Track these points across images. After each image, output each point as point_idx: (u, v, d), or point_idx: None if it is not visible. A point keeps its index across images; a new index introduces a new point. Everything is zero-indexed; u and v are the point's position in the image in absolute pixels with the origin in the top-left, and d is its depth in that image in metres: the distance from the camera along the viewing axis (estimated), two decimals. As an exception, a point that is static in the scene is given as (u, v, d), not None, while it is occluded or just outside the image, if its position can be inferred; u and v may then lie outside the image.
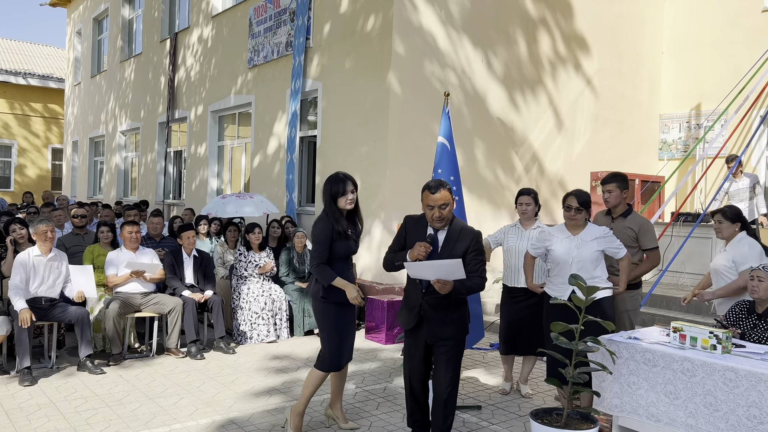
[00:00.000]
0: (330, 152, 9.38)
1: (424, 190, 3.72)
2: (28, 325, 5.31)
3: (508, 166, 9.65)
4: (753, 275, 4.24)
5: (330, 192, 4.07)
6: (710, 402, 3.44)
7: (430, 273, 3.55)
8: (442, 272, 3.50)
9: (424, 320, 3.76)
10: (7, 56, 24.71)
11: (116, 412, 4.70)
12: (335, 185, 4.06)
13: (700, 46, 11.18)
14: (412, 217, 3.88)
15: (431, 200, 3.67)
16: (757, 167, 10.38)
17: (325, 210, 4.13)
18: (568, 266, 4.49)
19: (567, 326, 3.71)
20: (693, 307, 7.07)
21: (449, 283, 3.53)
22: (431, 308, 3.73)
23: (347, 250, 4.13)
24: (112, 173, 16.99)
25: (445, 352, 3.73)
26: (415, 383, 3.91)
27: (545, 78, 10.05)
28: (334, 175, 4.12)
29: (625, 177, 4.93)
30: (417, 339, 3.83)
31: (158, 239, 7.48)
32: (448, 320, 3.74)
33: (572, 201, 4.52)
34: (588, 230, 4.54)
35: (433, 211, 3.67)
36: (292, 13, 10.13)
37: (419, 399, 3.95)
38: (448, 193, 3.67)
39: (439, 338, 3.75)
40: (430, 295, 3.71)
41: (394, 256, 3.84)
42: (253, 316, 7.05)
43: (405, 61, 8.45)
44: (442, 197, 3.64)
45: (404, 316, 3.89)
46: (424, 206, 3.72)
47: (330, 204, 4.09)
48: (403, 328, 3.94)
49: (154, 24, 14.92)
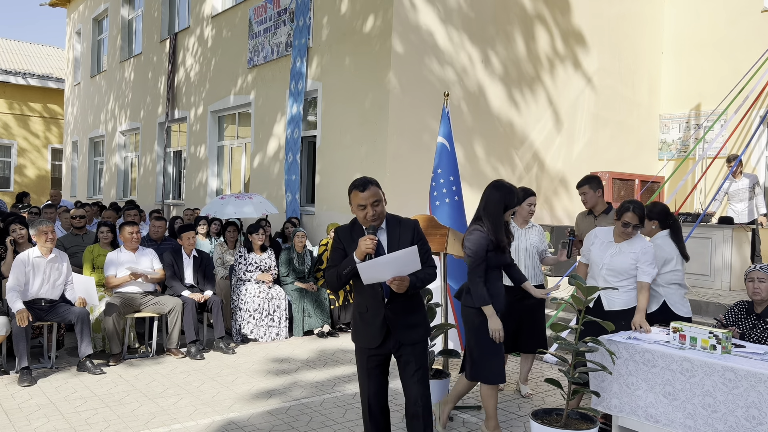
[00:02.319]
0: (330, 152, 9.38)
1: (351, 191, 3.36)
2: (25, 325, 5.31)
3: (509, 165, 9.65)
4: (752, 277, 4.21)
5: (504, 201, 3.99)
6: (709, 403, 3.44)
7: (386, 270, 3.19)
8: (399, 266, 3.18)
9: (390, 331, 3.37)
10: (6, 56, 24.70)
11: (116, 413, 4.70)
12: (509, 196, 3.99)
13: (700, 46, 11.18)
14: (343, 227, 3.49)
15: (361, 199, 3.30)
16: (756, 167, 10.38)
17: (482, 219, 4.05)
18: (598, 270, 4.46)
19: (567, 326, 3.72)
20: (693, 307, 7.06)
21: (406, 279, 3.22)
22: (396, 315, 3.36)
23: (501, 261, 4.10)
24: (112, 173, 16.99)
25: (415, 359, 3.38)
26: (375, 405, 3.47)
27: (545, 77, 10.05)
28: (504, 185, 4.06)
29: (598, 178, 5.40)
30: (379, 353, 3.42)
31: (159, 242, 7.47)
32: (414, 323, 3.43)
33: (631, 218, 4.26)
34: (632, 241, 4.37)
35: (366, 211, 3.30)
36: (292, 13, 10.13)
37: (380, 423, 3.50)
38: (377, 188, 3.34)
39: (407, 345, 3.38)
40: (393, 302, 3.35)
41: (338, 267, 3.35)
42: (253, 317, 7.05)
43: (405, 61, 8.45)
44: (372, 194, 3.30)
45: (365, 334, 3.42)
46: (355, 207, 3.35)
47: (496, 214, 4.01)
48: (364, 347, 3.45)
49: (154, 24, 14.92)
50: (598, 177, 5.41)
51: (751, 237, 8.33)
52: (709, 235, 8.04)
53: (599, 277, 4.45)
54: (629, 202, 4.33)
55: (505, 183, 4.11)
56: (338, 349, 6.82)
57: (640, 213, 4.29)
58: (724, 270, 7.94)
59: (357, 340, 3.49)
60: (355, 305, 3.52)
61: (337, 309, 7.62)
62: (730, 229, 7.91)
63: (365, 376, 3.46)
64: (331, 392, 5.32)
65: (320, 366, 6.14)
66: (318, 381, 5.64)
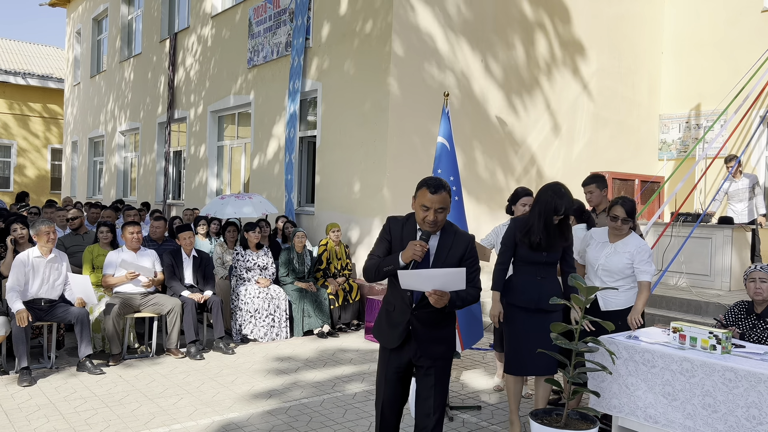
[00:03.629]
0: (329, 153, 9.38)
1: (421, 187, 3.14)
2: (25, 325, 5.31)
3: (508, 167, 9.65)
4: (753, 277, 4.20)
5: (553, 204, 3.98)
6: (709, 403, 3.44)
7: (427, 283, 3.02)
8: (442, 282, 3.00)
9: (412, 338, 3.22)
10: (6, 56, 24.70)
11: (116, 413, 4.70)
12: (559, 201, 3.98)
13: (699, 46, 11.18)
14: (396, 219, 3.30)
15: (429, 200, 3.09)
16: (756, 167, 10.38)
17: (531, 215, 4.10)
18: (593, 272, 4.47)
19: (567, 326, 3.71)
20: (693, 307, 7.07)
21: (446, 295, 3.04)
22: (421, 324, 3.21)
23: (531, 257, 4.11)
24: (112, 173, 16.99)
25: (435, 374, 3.22)
26: (389, 412, 3.34)
27: (544, 78, 10.05)
28: (559, 189, 4.04)
29: (603, 177, 5.42)
30: (399, 359, 3.28)
31: (160, 242, 7.46)
32: (439, 338, 3.25)
33: (619, 211, 4.32)
34: (626, 240, 4.39)
35: (428, 214, 3.10)
36: (292, 13, 10.13)
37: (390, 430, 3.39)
38: (448, 195, 3.13)
39: (428, 358, 3.23)
40: (421, 310, 3.20)
41: (381, 261, 3.19)
42: (253, 317, 7.05)
43: (404, 62, 8.45)
44: (441, 200, 3.09)
45: (386, 333, 3.30)
46: (418, 205, 3.15)
47: (539, 213, 4.03)
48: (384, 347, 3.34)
49: (154, 24, 14.92)
50: (604, 176, 5.43)
51: (750, 237, 8.33)
52: (709, 235, 8.04)
53: (595, 277, 4.46)
54: (619, 198, 4.44)
55: (561, 187, 4.09)
56: (338, 350, 6.82)
57: (629, 207, 4.34)
58: (724, 270, 7.94)
59: (378, 336, 3.38)
60: (385, 301, 3.39)
61: (336, 309, 7.62)
62: (730, 230, 7.91)
63: (383, 380, 3.34)
64: (331, 392, 5.32)
65: (320, 366, 6.14)
66: (318, 381, 5.64)
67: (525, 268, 4.18)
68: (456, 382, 5.73)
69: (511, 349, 4.21)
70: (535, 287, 4.13)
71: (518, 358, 4.18)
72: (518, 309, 4.17)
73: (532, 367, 4.17)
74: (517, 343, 4.18)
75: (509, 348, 4.23)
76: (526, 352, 4.13)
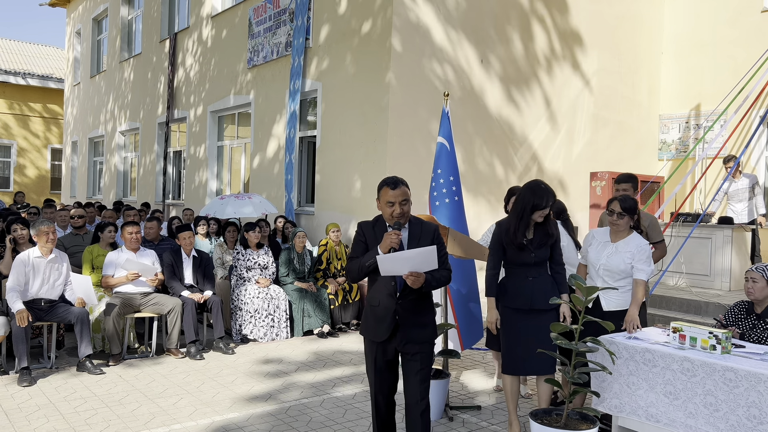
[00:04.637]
0: (329, 152, 9.37)
1: (382, 187, 3.48)
2: (25, 325, 5.30)
3: (508, 166, 9.65)
4: (747, 276, 4.24)
5: (532, 203, 4.07)
6: (710, 402, 3.44)
7: (404, 265, 3.33)
8: (417, 263, 3.32)
9: (399, 327, 3.48)
10: (6, 56, 24.70)
11: (115, 413, 4.70)
12: (539, 198, 4.06)
13: (699, 46, 11.18)
14: (366, 222, 3.61)
15: (391, 196, 3.43)
16: (756, 167, 10.38)
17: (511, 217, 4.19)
18: (595, 271, 4.47)
19: (567, 326, 3.72)
20: (693, 307, 7.08)
21: (422, 275, 3.35)
22: (407, 312, 3.48)
23: (519, 259, 4.16)
24: (112, 173, 16.99)
25: (420, 359, 3.48)
26: (382, 401, 3.59)
27: (544, 77, 10.05)
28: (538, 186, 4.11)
29: (637, 178, 5.26)
30: (387, 349, 3.52)
31: (156, 242, 7.46)
32: (423, 323, 3.53)
33: (615, 205, 4.37)
34: (627, 240, 4.40)
35: (394, 208, 3.43)
36: (292, 13, 10.13)
37: (386, 419, 3.63)
38: (407, 188, 3.48)
39: (415, 343, 3.48)
40: (405, 299, 3.48)
41: (361, 259, 3.49)
42: (253, 317, 7.05)
43: (404, 61, 8.45)
44: (402, 193, 3.43)
45: (374, 328, 3.53)
46: (383, 204, 3.48)
47: (519, 212, 4.13)
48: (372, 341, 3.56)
49: (154, 24, 14.92)
50: (637, 177, 5.33)
51: (750, 237, 8.33)
52: (709, 235, 8.05)
53: (597, 277, 4.46)
54: (618, 195, 4.49)
55: (540, 184, 4.13)
56: (338, 350, 6.82)
57: (627, 204, 4.36)
58: (724, 270, 7.94)
59: (366, 333, 3.60)
60: (368, 299, 3.62)
61: (337, 309, 7.62)
62: (730, 230, 7.91)
63: (372, 372, 3.58)
64: (331, 392, 5.31)
65: (320, 366, 6.14)
66: (318, 381, 5.64)
67: (515, 270, 4.21)
68: (456, 382, 5.73)
69: (507, 349, 4.23)
70: (528, 288, 4.16)
71: (514, 357, 4.19)
72: (513, 311, 4.18)
73: (529, 366, 4.18)
74: (512, 343, 4.19)
75: (505, 348, 4.25)
76: (521, 351, 4.14)
